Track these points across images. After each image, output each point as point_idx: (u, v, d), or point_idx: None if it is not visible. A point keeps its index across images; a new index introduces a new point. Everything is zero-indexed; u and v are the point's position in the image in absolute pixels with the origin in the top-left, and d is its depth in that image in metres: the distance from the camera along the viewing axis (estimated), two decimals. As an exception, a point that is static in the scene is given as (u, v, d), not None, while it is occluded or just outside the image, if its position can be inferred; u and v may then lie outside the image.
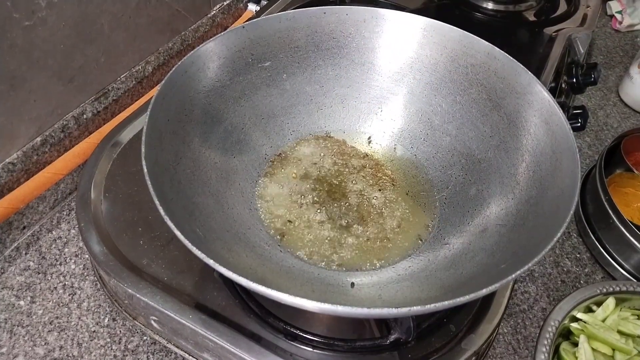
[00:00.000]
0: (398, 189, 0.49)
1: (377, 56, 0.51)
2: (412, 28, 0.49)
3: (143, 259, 0.44)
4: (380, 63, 0.51)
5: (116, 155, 0.52)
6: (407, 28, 0.49)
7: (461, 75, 0.48)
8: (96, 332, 0.46)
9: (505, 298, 0.42)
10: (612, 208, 0.53)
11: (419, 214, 0.47)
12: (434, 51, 0.49)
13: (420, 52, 0.49)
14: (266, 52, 0.49)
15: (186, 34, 0.69)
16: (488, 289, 0.29)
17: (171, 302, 0.41)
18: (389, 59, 0.51)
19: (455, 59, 0.48)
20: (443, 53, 0.48)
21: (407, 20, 0.49)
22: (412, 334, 0.37)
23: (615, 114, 0.75)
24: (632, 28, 0.90)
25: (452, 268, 0.38)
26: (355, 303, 0.36)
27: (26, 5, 0.46)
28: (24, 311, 0.47)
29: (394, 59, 0.51)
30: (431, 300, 0.34)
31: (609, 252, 0.54)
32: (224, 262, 0.30)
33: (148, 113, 0.37)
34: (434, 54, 0.49)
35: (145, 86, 0.65)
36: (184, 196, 0.38)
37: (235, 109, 0.48)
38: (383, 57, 0.51)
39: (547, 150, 0.40)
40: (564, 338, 0.46)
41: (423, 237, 0.45)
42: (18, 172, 0.52)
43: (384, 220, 0.46)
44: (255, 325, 0.40)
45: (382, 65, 0.51)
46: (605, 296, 0.45)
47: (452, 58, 0.48)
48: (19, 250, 0.52)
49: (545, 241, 0.32)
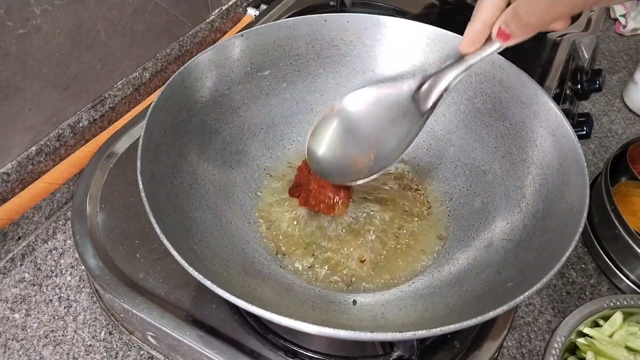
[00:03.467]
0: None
1: (379, 64, 0.50)
2: (415, 36, 0.48)
3: (139, 272, 0.43)
4: (382, 72, 0.50)
5: (112, 165, 0.51)
6: (409, 36, 0.48)
7: (465, 84, 0.47)
8: (92, 346, 0.45)
9: (510, 314, 0.41)
10: (618, 218, 0.52)
11: (422, 227, 0.46)
12: (437, 59, 0.48)
13: (423, 60, 0.48)
14: (265, 60, 0.48)
15: (184, 40, 0.68)
16: (495, 311, 0.28)
17: (168, 318, 0.40)
18: (391, 68, 0.50)
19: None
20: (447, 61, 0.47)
21: (409, 28, 0.48)
22: (416, 352, 0.36)
23: (619, 120, 0.74)
24: (636, 32, 0.89)
25: (457, 285, 0.38)
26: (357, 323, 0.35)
27: (20, 13, 0.46)
28: (18, 324, 0.47)
29: (396, 67, 0.50)
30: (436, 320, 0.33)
31: (614, 263, 0.53)
32: (221, 282, 0.29)
33: (144, 126, 0.37)
34: (437, 63, 0.48)
35: (143, 93, 0.64)
36: (181, 211, 0.37)
37: (233, 119, 0.47)
38: (385, 65, 0.50)
39: (554, 163, 0.39)
40: (570, 353, 0.45)
41: (427, 251, 0.44)
42: (13, 182, 0.51)
43: (386, 234, 0.45)
44: (255, 342, 0.39)
45: (384, 73, 0.50)
46: (612, 310, 0.44)
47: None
48: (14, 262, 0.51)
49: (553, 260, 0.31)
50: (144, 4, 0.59)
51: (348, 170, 0.42)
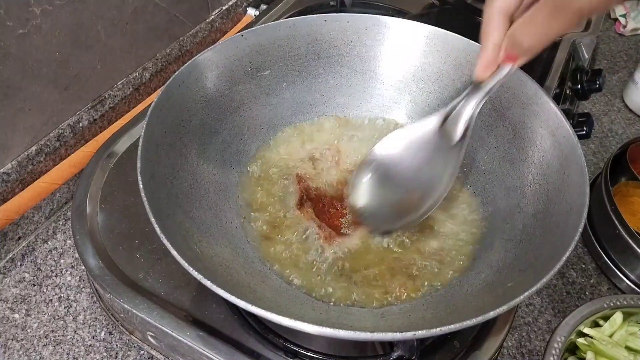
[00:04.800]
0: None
1: (379, 65, 0.50)
2: (415, 36, 0.48)
3: (139, 272, 0.43)
4: (382, 72, 0.50)
5: (112, 165, 0.51)
6: (410, 36, 0.48)
7: (465, 85, 0.47)
8: (92, 346, 0.45)
9: (510, 314, 0.41)
10: (618, 218, 0.52)
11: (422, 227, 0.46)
12: (437, 60, 0.48)
13: (423, 60, 0.49)
14: (265, 60, 0.48)
15: (184, 40, 0.68)
16: (495, 311, 0.28)
17: (168, 318, 0.40)
18: (391, 68, 0.50)
19: (459, 68, 0.47)
20: (447, 61, 0.47)
21: (410, 28, 0.48)
22: (416, 352, 0.36)
23: (619, 120, 0.74)
24: (636, 32, 0.89)
25: (457, 285, 0.38)
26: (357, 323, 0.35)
27: (20, 13, 0.46)
28: (18, 324, 0.47)
29: (396, 67, 0.50)
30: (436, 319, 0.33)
31: (614, 263, 0.53)
32: (221, 282, 0.29)
33: (144, 126, 0.37)
34: (438, 63, 0.48)
35: (143, 93, 0.64)
36: (181, 211, 0.37)
37: (234, 119, 0.47)
38: (385, 65, 0.50)
39: (554, 163, 0.39)
40: (570, 353, 0.45)
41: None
42: (13, 182, 0.51)
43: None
44: (255, 342, 0.39)
45: (384, 73, 0.50)
46: (612, 310, 0.44)
47: (456, 67, 0.47)
48: (14, 262, 0.51)
49: (553, 260, 0.31)
50: (144, 4, 0.59)
51: (395, 215, 0.42)
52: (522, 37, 0.31)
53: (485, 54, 0.35)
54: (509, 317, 0.41)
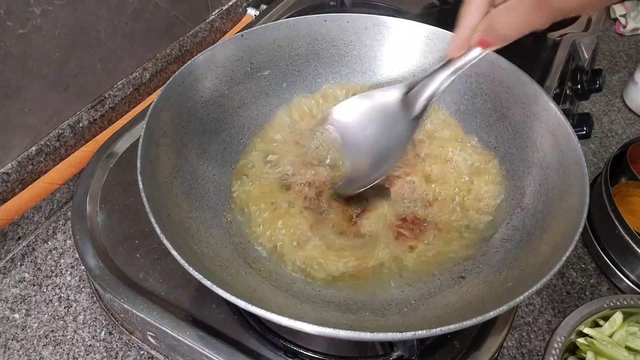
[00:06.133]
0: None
1: (379, 65, 0.50)
2: (415, 36, 0.48)
3: (139, 272, 0.43)
4: (382, 72, 0.50)
5: (112, 165, 0.51)
6: (410, 36, 0.48)
7: (465, 84, 0.47)
8: (92, 346, 0.45)
9: (510, 314, 0.41)
10: (618, 218, 0.52)
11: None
12: (437, 59, 0.48)
13: (423, 60, 0.49)
14: (265, 60, 0.48)
15: (184, 40, 0.68)
16: (495, 311, 0.28)
17: (168, 318, 0.40)
18: (391, 68, 0.50)
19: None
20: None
21: (410, 28, 0.48)
22: (416, 352, 0.36)
23: (619, 120, 0.74)
24: (636, 32, 0.89)
25: (457, 285, 0.38)
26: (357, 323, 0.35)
27: (20, 13, 0.45)
28: (18, 324, 0.47)
29: (396, 67, 0.50)
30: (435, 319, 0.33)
31: (614, 263, 0.53)
32: (222, 282, 0.29)
33: (144, 126, 0.37)
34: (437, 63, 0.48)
35: (143, 93, 0.64)
36: (181, 211, 0.37)
37: (234, 120, 0.47)
38: (385, 65, 0.50)
39: (554, 164, 0.39)
40: (570, 353, 0.45)
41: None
42: (13, 182, 0.51)
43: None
44: (255, 342, 0.39)
45: (384, 73, 0.50)
46: (613, 310, 0.44)
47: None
48: (14, 262, 0.51)
49: (553, 260, 0.31)
50: (144, 4, 0.59)
51: (345, 179, 0.42)
52: (499, 24, 0.32)
53: (459, 34, 0.35)
54: (509, 317, 0.41)
